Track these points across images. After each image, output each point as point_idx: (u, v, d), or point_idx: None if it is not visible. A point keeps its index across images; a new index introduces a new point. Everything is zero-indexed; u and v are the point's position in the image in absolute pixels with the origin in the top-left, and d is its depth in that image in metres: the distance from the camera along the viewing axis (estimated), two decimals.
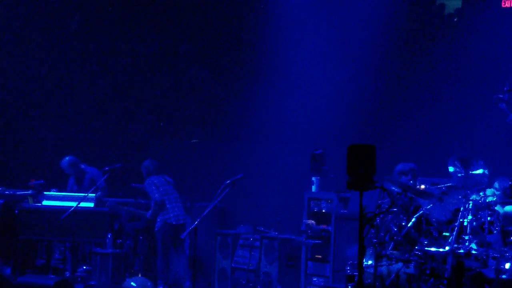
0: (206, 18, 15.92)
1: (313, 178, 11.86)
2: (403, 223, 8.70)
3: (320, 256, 11.24)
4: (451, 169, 8.85)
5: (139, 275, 11.28)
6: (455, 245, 8.14)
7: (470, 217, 8.31)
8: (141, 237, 11.87)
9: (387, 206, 8.25)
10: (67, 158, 12.10)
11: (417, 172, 9.51)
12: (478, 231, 8.38)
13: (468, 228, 8.28)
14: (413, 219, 8.65)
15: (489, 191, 8.62)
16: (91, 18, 16.22)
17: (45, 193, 11.73)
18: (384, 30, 13.54)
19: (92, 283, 10.97)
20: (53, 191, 11.81)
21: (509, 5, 12.61)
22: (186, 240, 11.49)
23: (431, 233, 8.66)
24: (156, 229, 11.42)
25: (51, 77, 16.15)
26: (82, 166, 12.08)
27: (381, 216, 8.49)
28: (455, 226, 8.32)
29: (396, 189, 8.66)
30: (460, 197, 8.51)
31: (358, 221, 7.12)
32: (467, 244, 8.16)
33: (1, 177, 13.72)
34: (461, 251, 8.09)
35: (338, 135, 13.15)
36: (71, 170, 11.99)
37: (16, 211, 11.37)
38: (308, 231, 11.33)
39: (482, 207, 8.39)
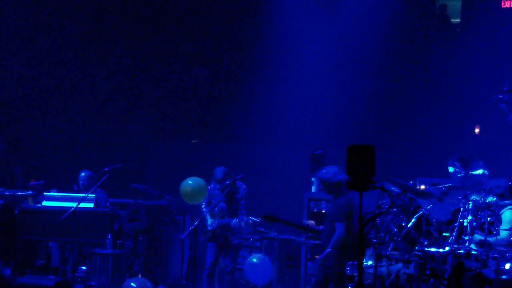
0: (206, 18, 15.92)
1: (313, 178, 11.85)
2: (403, 224, 8.70)
3: None
4: (451, 169, 8.86)
5: (139, 276, 11.26)
6: (455, 246, 8.14)
7: (470, 217, 8.31)
8: (141, 238, 11.86)
9: (387, 207, 8.24)
10: (88, 172, 11.93)
11: None
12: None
13: (468, 228, 8.28)
14: (413, 220, 8.64)
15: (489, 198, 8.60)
16: (91, 18, 16.22)
17: (45, 193, 11.70)
18: (385, 30, 13.55)
19: (92, 283, 10.93)
20: (53, 192, 11.79)
21: (509, 6, 12.64)
22: (186, 240, 11.47)
23: (431, 233, 8.66)
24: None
25: (51, 77, 16.14)
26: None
27: (381, 216, 8.49)
28: (455, 226, 8.32)
29: (396, 190, 8.66)
30: (460, 197, 8.50)
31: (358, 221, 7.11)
32: (467, 244, 8.16)
33: (1, 177, 13.71)
34: (461, 251, 8.09)
35: (338, 135, 13.15)
36: (88, 182, 11.84)
37: (16, 212, 11.35)
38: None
39: (482, 207, 8.39)
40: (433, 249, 8.24)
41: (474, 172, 8.79)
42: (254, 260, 10.96)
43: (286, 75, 14.46)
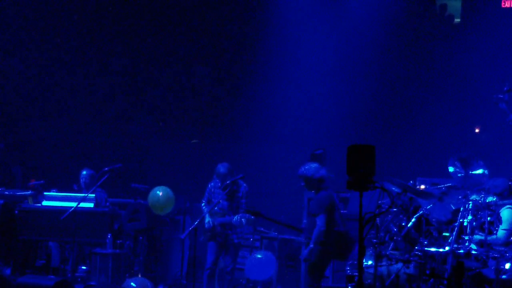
0: (207, 18, 15.93)
1: None
2: (403, 223, 8.69)
3: None
4: (451, 169, 8.86)
5: (139, 276, 11.26)
6: (455, 245, 8.14)
7: (470, 217, 8.31)
8: (141, 238, 11.86)
9: (387, 207, 8.24)
10: (90, 171, 11.91)
11: None
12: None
13: (468, 228, 8.28)
14: (413, 219, 8.64)
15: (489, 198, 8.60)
16: (91, 18, 16.23)
17: (45, 193, 11.70)
18: (385, 30, 13.56)
19: (92, 283, 10.93)
20: (53, 192, 11.78)
21: (509, 5, 12.65)
22: (186, 240, 11.47)
23: (431, 233, 8.65)
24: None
25: (51, 77, 16.14)
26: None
27: (381, 216, 8.49)
28: (455, 226, 8.32)
29: (396, 189, 8.66)
30: (460, 197, 8.50)
31: (358, 221, 7.11)
32: (467, 244, 8.16)
33: (0, 177, 13.71)
34: (461, 251, 8.09)
35: (338, 135, 13.16)
36: (89, 181, 11.82)
37: (16, 212, 11.35)
38: None
39: (482, 207, 8.38)
40: (433, 249, 8.24)
41: (474, 172, 8.79)
42: (259, 256, 11.01)
43: (286, 75, 14.46)
